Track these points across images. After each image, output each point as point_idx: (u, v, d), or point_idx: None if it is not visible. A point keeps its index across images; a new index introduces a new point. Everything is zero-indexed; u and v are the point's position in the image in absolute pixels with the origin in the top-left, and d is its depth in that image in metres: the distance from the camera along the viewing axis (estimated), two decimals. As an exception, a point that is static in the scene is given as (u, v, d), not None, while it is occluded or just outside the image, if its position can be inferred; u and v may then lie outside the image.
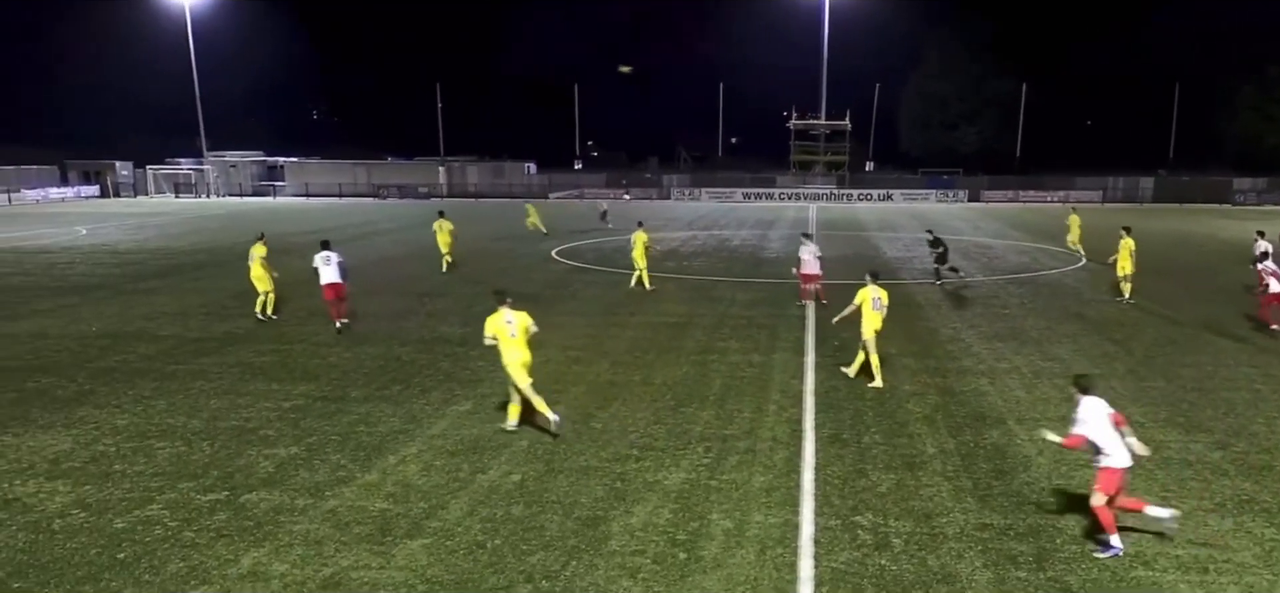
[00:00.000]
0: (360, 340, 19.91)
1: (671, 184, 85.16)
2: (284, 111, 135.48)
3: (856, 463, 12.41)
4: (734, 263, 33.84)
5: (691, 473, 12.06)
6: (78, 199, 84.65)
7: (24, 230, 49.42)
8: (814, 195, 79.57)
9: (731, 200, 78.50)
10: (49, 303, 25.17)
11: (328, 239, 22.43)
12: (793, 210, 66.54)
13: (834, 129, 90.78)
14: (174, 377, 16.94)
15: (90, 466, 12.33)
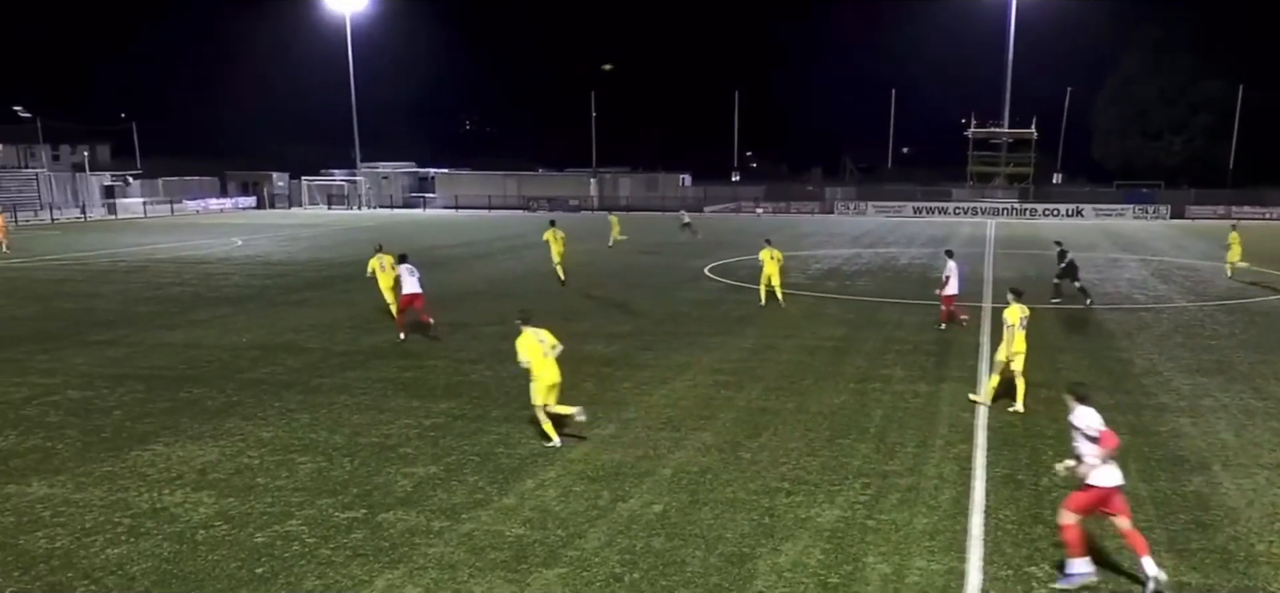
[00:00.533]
0: (503, 358, 20.33)
1: (835, 197, 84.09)
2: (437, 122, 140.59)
3: (1032, 507, 11.89)
4: (901, 283, 33.09)
5: (847, 511, 11.81)
6: (236, 210, 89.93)
7: (184, 241, 52.77)
8: (992, 210, 77.12)
9: (900, 215, 76.89)
10: (204, 313, 26.78)
11: (405, 254, 23.98)
12: (968, 226, 64.65)
13: (1017, 138, 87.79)
14: (318, 391, 17.72)
15: (234, 478, 12.99)
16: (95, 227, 67.73)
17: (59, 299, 30.04)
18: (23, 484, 12.71)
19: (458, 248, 46.77)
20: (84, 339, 22.92)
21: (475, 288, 32.04)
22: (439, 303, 27.53)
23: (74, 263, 40.66)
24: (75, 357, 20.84)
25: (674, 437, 14.70)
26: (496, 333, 23.32)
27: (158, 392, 17.66)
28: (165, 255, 43.68)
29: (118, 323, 25.22)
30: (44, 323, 25.47)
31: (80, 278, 35.74)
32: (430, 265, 38.73)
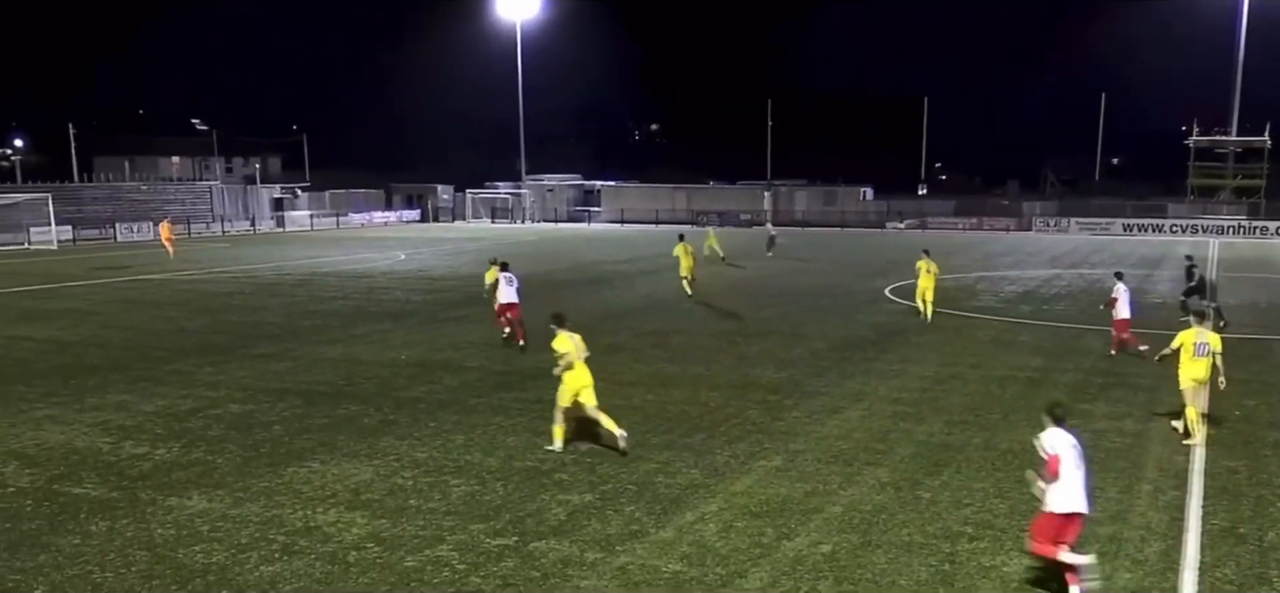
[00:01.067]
0: (665, 382, 20.44)
1: (1033, 212, 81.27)
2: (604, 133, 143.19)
3: (1257, 567, 11.12)
4: (1106, 310, 31.60)
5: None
6: (400, 223, 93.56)
7: (348, 254, 55.21)
8: (1216, 227, 73.01)
9: (1108, 232, 73.70)
10: (364, 328, 27.91)
11: (506, 262, 25.98)
12: (1186, 245, 61.35)
13: (1248, 147, 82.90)
14: (475, 411, 18.17)
15: (388, 498, 13.43)
16: (263, 239, 71.67)
17: (227, 312, 31.84)
18: (184, 497, 13.47)
19: (621, 264, 47.30)
20: (248, 352, 24.20)
21: (637, 306, 32.32)
22: (599, 323, 28.04)
23: (243, 275, 43.03)
24: (239, 370, 22.02)
25: (846, 472, 14.42)
26: (659, 355, 23.45)
27: (316, 408, 18.46)
28: (329, 269, 45.75)
29: (281, 336, 26.53)
30: (211, 335, 27.02)
31: (248, 290, 37.80)
32: (593, 282, 39.35)
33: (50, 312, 32.15)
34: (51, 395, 19.57)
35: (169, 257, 52.40)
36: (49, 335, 27.32)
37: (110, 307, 33.36)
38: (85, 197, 78.88)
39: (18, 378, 21.30)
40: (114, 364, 22.87)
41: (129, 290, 38.44)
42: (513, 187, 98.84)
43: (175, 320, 29.99)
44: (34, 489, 13.82)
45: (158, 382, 20.82)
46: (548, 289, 37.38)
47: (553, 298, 33.56)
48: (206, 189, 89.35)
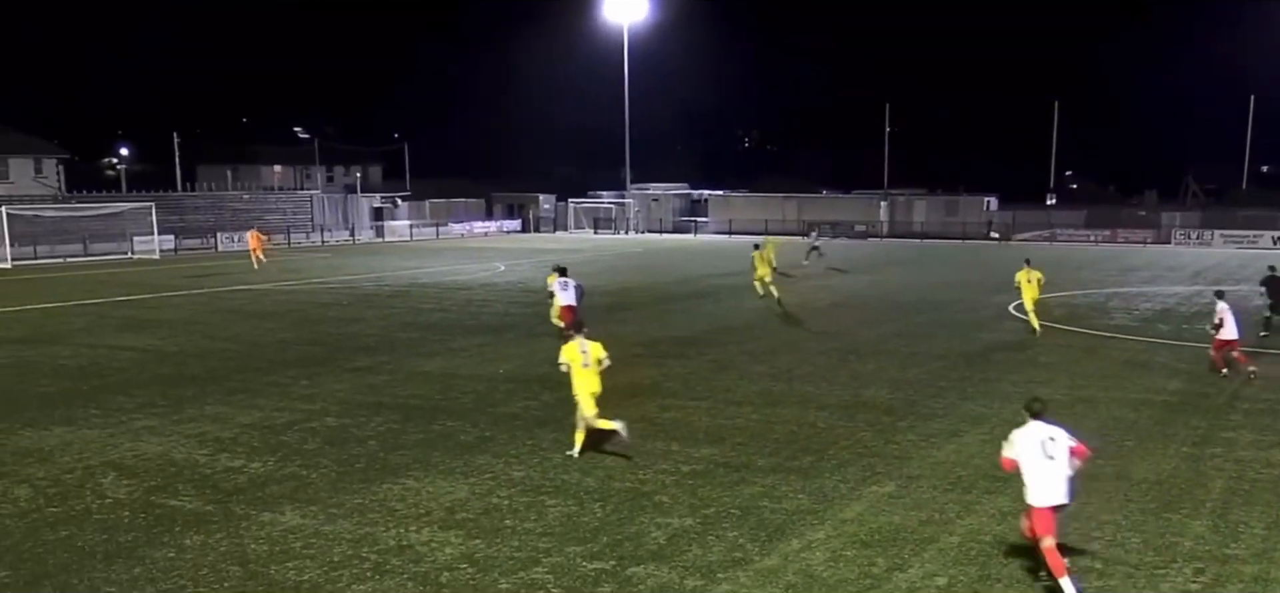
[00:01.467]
0: (772, 400, 20.31)
1: (1173, 224, 78.81)
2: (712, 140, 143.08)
3: None
4: (1255, 328, 30.47)
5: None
6: (500, 233, 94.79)
7: (447, 265, 56.14)
8: (1379, 242, 69.87)
9: (1256, 246, 71.08)
10: (462, 342, 28.32)
11: (565, 267, 28.48)
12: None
13: None
14: (573, 429, 18.24)
15: (483, 518, 13.57)
16: (363, 249, 73.27)
17: (324, 324, 32.61)
18: (277, 512, 13.80)
19: (729, 277, 47.17)
20: (345, 365, 24.75)
21: (745, 321, 32.20)
22: (704, 338, 28.02)
23: (341, 286, 44.06)
24: (335, 383, 22.52)
25: (964, 499, 14.12)
26: (765, 373, 23.32)
27: (412, 422, 18.78)
28: (428, 280, 46.56)
29: (378, 349, 27.07)
30: (308, 347, 27.70)
31: (346, 302, 38.67)
32: (698, 296, 39.32)
33: (151, 321, 33.31)
34: (150, 406, 20.26)
35: (254, 267, 53.99)
36: (149, 345, 28.30)
37: (210, 317, 34.44)
38: (187, 206, 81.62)
39: (118, 388, 22.11)
40: (212, 375, 23.59)
41: (229, 301, 39.65)
42: (616, 196, 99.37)
43: (273, 332, 30.82)
44: (131, 501, 14.30)
45: (254, 394, 21.42)
46: (651, 303, 37.48)
47: (656, 313, 33.67)
48: (307, 198, 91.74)
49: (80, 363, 25.56)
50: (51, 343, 28.93)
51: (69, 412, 19.82)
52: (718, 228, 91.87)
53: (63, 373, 24.23)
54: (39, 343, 29.00)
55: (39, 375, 23.93)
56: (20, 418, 19.34)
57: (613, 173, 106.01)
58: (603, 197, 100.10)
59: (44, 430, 18.36)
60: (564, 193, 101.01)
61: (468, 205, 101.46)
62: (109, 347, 28.12)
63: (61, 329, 31.82)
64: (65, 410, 19.94)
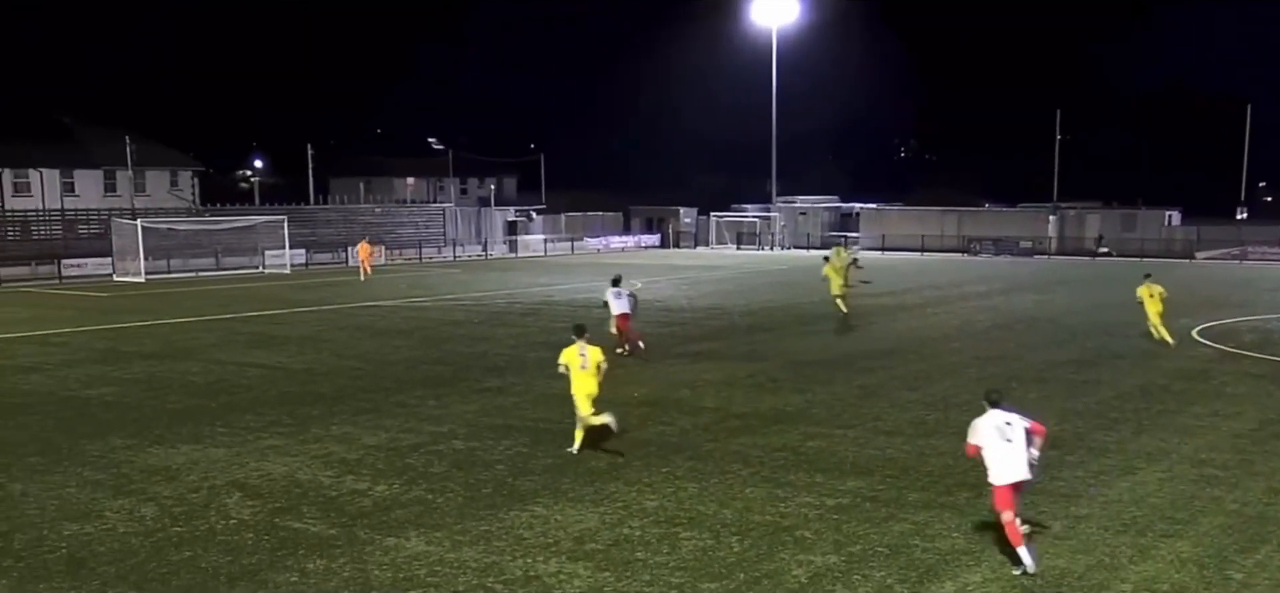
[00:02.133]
0: (926, 431, 19.94)
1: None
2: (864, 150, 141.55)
3: None
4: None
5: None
6: (638, 248, 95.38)
7: (582, 281, 56.72)
8: None
9: None
10: (595, 362, 28.51)
11: (619, 277, 30.67)
12: None
13: None
14: (710, 457, 18.24)
15: (613, 549, 13.62)
16: (495, 265, 74.55)
17: (453, 342, 33.26)
18: (402, 538, 14.09)
19: (880, 297, 46.56)
20: (474, 385, 25.19)
21: (895, 344, 31.72)
22: (852, 363, 27.75)
23: (472, 303, 44.91)
24: (464, 404, 22.93)
25: (1138, 543, 13.62)
26: (917, 400, 22.93)
27: (542, 447, 18.99)
28: (561, 297, 47.13)
29: (508, 369, 27.48)
30: (437, 367, 28.28)
31: (477, 319, 39.39)
32: (830, 318, 38.86)
33: (280, 338, 34.46)
34: (277, 425, 20.93)
35: (362, 279, 55.66)
36: (277, 363, 29.27)
37: (339, 334, 35.45)
38: (319, 219, 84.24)
39: (246, 406, 22.90)
40: (339, 394, 24.27)
41: (357, 318, 40.76)
42: (762, 209, 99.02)
43: (401, 350, 31.56)
44: (255, 522, 14.78)
45: (382, 414, 21.94)
46: (794, 323, 37.23)
47: (799, 334, 33.41)
48: (439, 211, 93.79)
49: (209, 379, 26.58)
50: (182, 359, 30.16)
51: (197, 429, 20.60)
52: (870, 244, 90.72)
53: (192, 389, 25.22)
54: (170, 358, 30.25)
55: (169, 392, 24.95)
56: (149, 435, 20.18)
57: (758, 185, 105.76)
58: (747, 210, 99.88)
59: (171, 448, 19.12)
60: (706, 206, 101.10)
61: (604, 219, 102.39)
62: (238, 363, 29.17)
63: (192, 344, 33.15)
64: (193, 428, 20.73)
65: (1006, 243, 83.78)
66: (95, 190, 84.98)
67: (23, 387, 25.97)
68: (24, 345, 33.38)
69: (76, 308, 45.73)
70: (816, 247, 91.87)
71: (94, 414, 22.37)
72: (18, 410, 22.87)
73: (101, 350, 31.93)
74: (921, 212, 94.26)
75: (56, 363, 29.61)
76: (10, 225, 73.48)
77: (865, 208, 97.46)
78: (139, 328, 37.95)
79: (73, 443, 19.60)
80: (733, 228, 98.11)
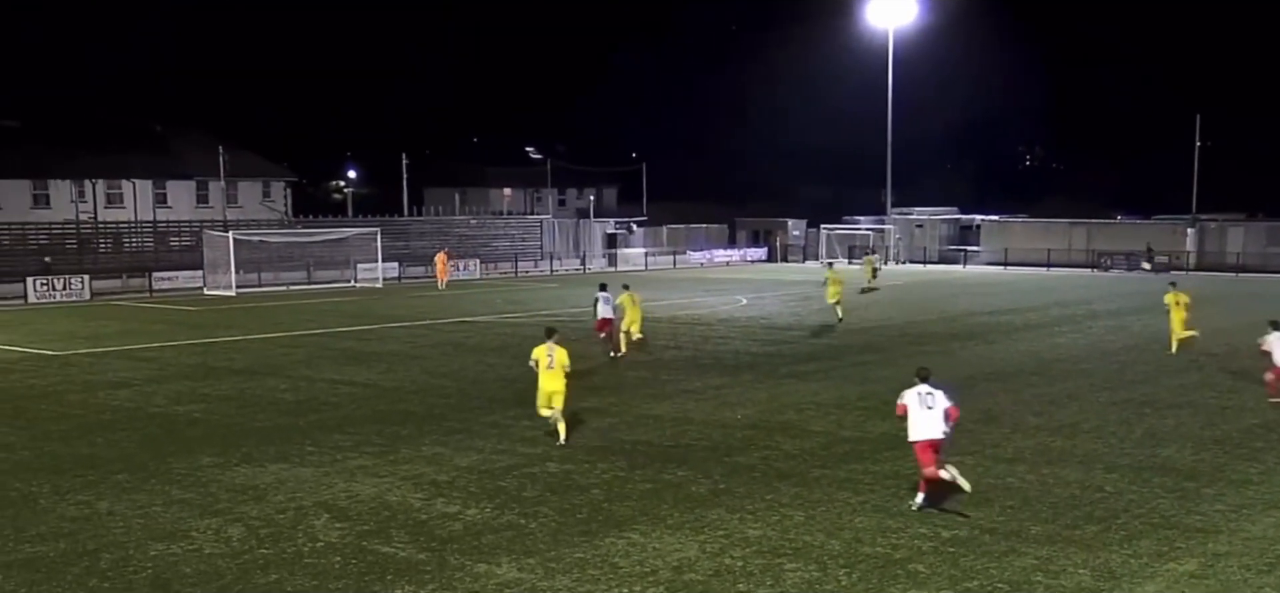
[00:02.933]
0: (1051, 458, 19.57)
1: None
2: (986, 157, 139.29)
3: None
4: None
5: None
6: (743, 262, 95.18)
7: (683, 297, 56.79)
8: None
9: None
10: (697, 382, 28.53)
11: (604, 283, 36.15)
12: None
13: None
14: (817, 483, 18.10)
15: (713, 580, 13.58)
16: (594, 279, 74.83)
17: (549, 359, 33.49)
18: (493, 564, 14.22)
19: (1002, 315, 45.88)
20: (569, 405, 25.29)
21: (1019, 366, 31.23)
22: (973, 386, 27.43)
23: (569, 319, 45.06)
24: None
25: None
26: (1043, 426, 22.53)
27: (639, 471, 19.02)
28: (661, 313, 47.21)
29: (605, 389, 27.58)
30: (532, 386, 28.19)
31: (573, 337, 39.39)
32: (964, 337, 38.44)
33: (371, 354, 35.04)
34: (366, 444, 21.28)
35: (439, 290, 57.35)
36: (368, 380, 29.76)
37: (431, 351, 35.94)
38: (413, 231, 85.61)
39: (334, 425, 23.32)
40: (430, 413, 24.60)
41: (451, 333, 41.29)
42: (875, 221, 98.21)
43: (495, 368, 31.90)
44: (343, 545, 15.02)
45: (474, 434, 22.19)
46: (909, 343, 36.87)
47: (914, 355, 32.99)
48: (537, 223, 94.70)
49: (298, 397, 27.13)
50: (271, 375, 30.83)
51: (285, 448, 21.02)
52: (991, 258, 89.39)
53: (280, 407, 25.76)
54: (259, 374, 30.94)
55: (257, 409, 25.52)
56: (237, 453, 20.64)
57: (871, 195, 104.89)
58: (859, 222, 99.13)
59: (259, 467, 19.53)
60: (815, 218, 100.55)
61: (708, 231, 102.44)
62: (327, 380, 29.73)
63: (281, 360, 33.87)
64: (281, 446, 21.17)
65: (1137, 256, 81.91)
66: (187, 201, 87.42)
67: (111, 402, 26.75)
68: (113, 360, 34.40)
69: (166, 322, 47.03)
70: (934, 261, 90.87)
71: (181, 432, 22.96)
72: (106, 427, 23.56)
73: (190, 366, 32.79)
74: (1047, 224, 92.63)
75: (145, 378, 30.48)
76: (103, 237, 75.95)
77: (986, 220, 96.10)
78: (228, 343, 38.91)
79: (160, 461, 20.13)
80: (844, 241, 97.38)
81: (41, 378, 30.98)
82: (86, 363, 33.96)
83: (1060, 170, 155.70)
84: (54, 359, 35.07)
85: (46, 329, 44.15)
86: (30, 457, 20.75)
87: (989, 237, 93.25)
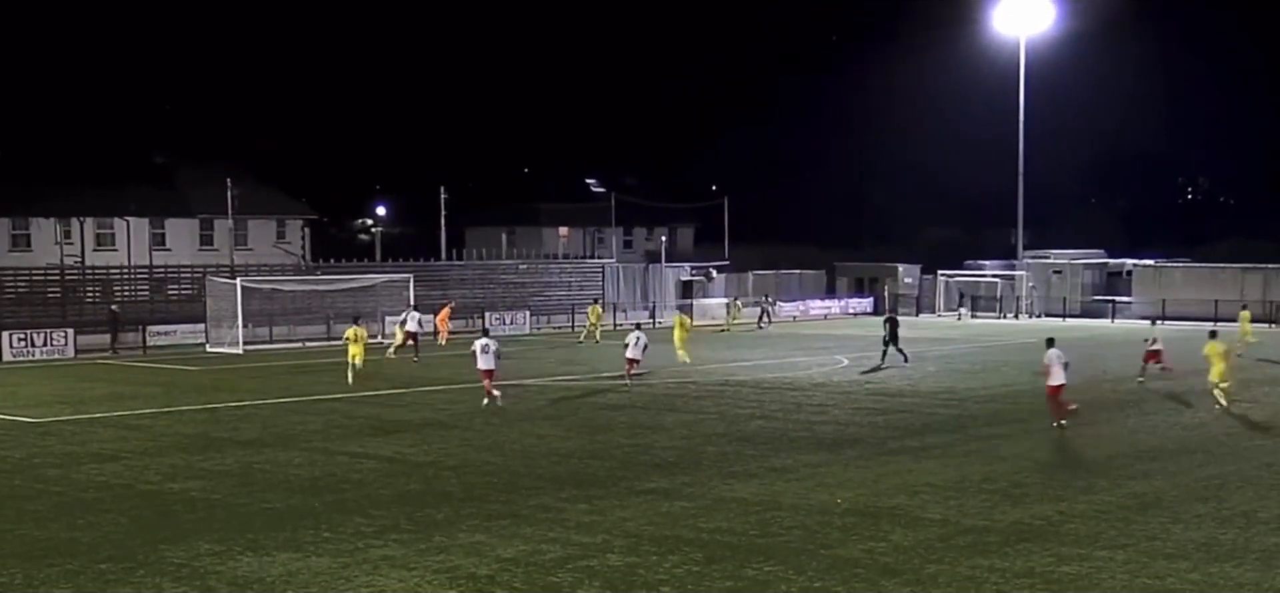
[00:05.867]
0: (1222, 554, 19.17)
1: None
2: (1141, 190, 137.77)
3: None
4: None
5: None
6: (844, 314, 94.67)
7: (772, 355, 56.57)
8: None
9: None
10: (787, 458, 28.33)
11: (488, 329, 43.21)
12: None
13: None
14: (933, 582, 17.85)
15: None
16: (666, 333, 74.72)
17: (611, 430, 33.46)
18: (539, 675, 14.09)
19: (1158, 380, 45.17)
20: (634, 486, 25.22)
21: (1183, 443, 30.78)
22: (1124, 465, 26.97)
23: (637, 383, 45.07)
24: (621, 509, 22.95)
25: None
26: (1210, 514, 22.14)
27: (718, 565, 18.84)
28: (745, 375, 47.04)
29: (678, 466, 27.46)
30: (589, 461, 28.46)
31: (640, 402, 39.58)
32: (1112, 406, 37.92)
33: (399, 423, 35.20)
34: (393, 530, 21.30)
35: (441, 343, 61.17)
36: (396, 453, 29.89)
37: (471, 419, 36.02)
38: (452, 277, 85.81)
39: (356, 507, 23.38)
40: (469, 494, 24.60)
41: (496, 399, 41.41)
42: (1003, 266, 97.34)
43: (546, 440, 31.87)
44: (363, 651, 14.99)
45: (520, 520, 22.12)
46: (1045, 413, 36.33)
47: (1046, 428, 32.52)
48: (598, 268, 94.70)
49: (314, 473, 27.28)
50: (283, 447, 31.05)
51: (296, 535, 21.08)
52: (1145, 310, 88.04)
53: (293, 485, 25.90)
54: (268, 446, 31.18)
55: (266, 487, 25.67)
56: (241, 540, 20.72)
57: (998, 236, 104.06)
58: (984, 268, 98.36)
59: (267, 557, 19.59)
60: (930, 263, 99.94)
61: (802, 278, 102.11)
62: (348, 454, 29.88)
63: (295, 430, 34.12)
64: (292, 533, 21.23)
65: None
66: (189, 243, 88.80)
67: (97, 478, 27.05)
68: (100, 429, 34.83)
69: (162, 384, 47.62)
70: (1075, 314, 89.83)
71: (177, 513, 23.13)
72: (90, 507, 23.80)
73: (189, 436, 33.12)
74: (1214, 269, 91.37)
75: (137, 450, 30.81)
76: (92, 285, 76.82)
77: (1139, 265, 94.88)
78: (234, 409, 39.30)
79: (151, 548, 20.26)
80: (967, 290, 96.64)
81: (16, 449, 31.41)
82: (68, 432, 34.40)
83: (1230, 205, 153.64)
84: (31, 427, 35.61)
85: (23, 392, 44.88)
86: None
87: (1142, 284, 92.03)
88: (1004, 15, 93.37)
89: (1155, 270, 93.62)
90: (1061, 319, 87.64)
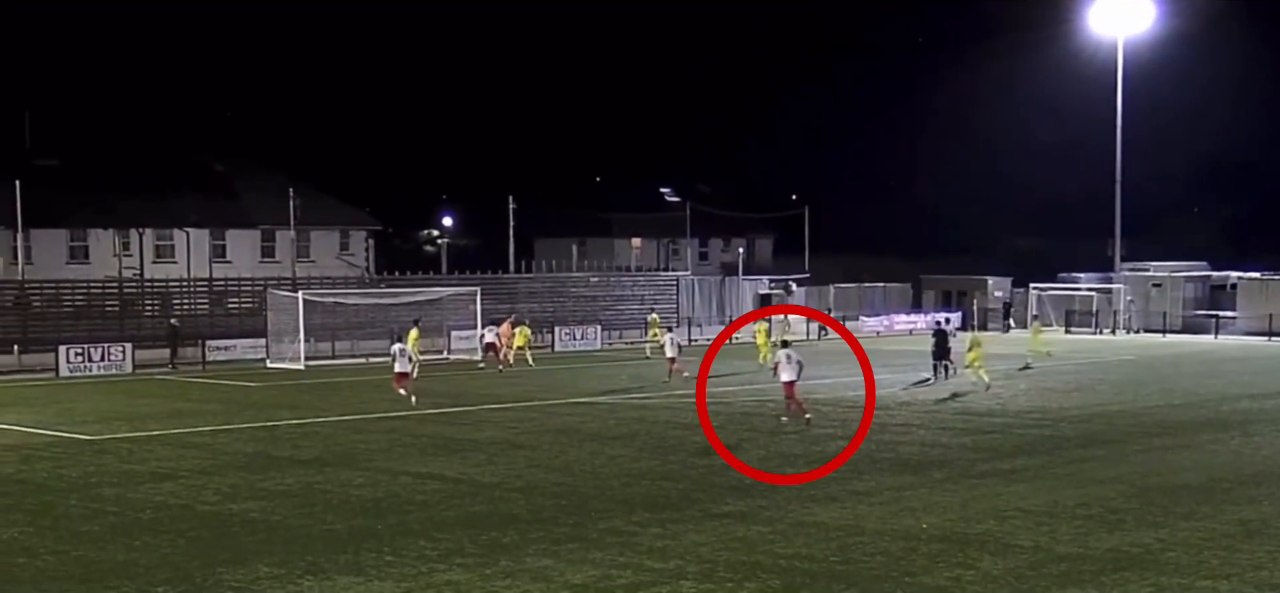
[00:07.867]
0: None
1: None
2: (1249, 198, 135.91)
3: None
4: None
5: None
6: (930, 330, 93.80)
7: (854, 372, 56.14)
8: None
9: None
10: (870, 481, 28.20)
11: (401, 334, 47.03)
12: None
13: None
14: None
15: None
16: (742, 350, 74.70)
17: (685, 451, 33.38)
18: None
19: (1268, 399, 44.57)
20: (710, 509, 25.14)
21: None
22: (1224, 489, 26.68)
23: (710, 399, 45.03)
24: (695, 533, 22.88)
25: None
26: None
27: (797, 592, 18.74)
28: (825, 393, 46.80)
29: (755, 490, 27.34)
30: (662, 483, 28.42)
31: (715, 421, 39.46)
32: (1216, 426, 37.40)
33: (465, 442, 35.34)
34: (457, 554, 21.36)
35: (500, 369, 59.67)
36: (462, 474, 30.01)
37: (540, 438, 36.12)
38: (520, 290, 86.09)
39: (419, 529, 23.48)
40: (536, 516, 24.62)
41: (566, 416, 41.47)
42: (1100, 279, 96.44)
43: (618, 461, 31.87)
44: (425, 680, 15.03)
45: (589, 544, 22.11)
46: (1144, 434, 35.98)
47: (1151, 449, 32.17)
48: (673, 281, 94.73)
49: (376, 494, 27.43)
50: (344, 466, 31.26)
51: (358, 558, 21.19)
52: (1252, 325, 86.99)
53: (354, 506, 26.05)
54: (330, 466, 31.40)
55: (326, 509, 25.83)
56: (301, 563, 20.86)
57: (1089, 247, 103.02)
58: (1079, 280, 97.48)
59: (327, 580, 19.71)
60: (1023, 276, 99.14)
61: (887, 291, 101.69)
62: (412, 473, 30.05)
63: (357, 449, 34.33)
64: (354, 556, 21.34)
65: None
66: (250, 255, 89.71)
67: (154, 498, 27.35)
68: (158, 447, 35.26)
69: (221, 400, 48.17)
70: (1176, 330, 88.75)
71: (236, 535, 23.33)
72: (146, 528, 24.05)
73: (248, 455, 33.45)
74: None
75: (194, 469, 31.15)
76: (150, 298, 77.56)
77: (1245, 277, 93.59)
78: (294, 427, 39.63)
79: (209, 570, 20.42)
80: (1060, 304, 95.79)
81: (72, 467, 31.85)
82: (125, 450, 34.87)
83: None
84: (88, 445, 36.10)
85: (80, 408, 45.55)
86: (54, 564, 21.25)
87: (1248, 299, 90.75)
88: (1101, 15, 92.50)
89: (1263, 284, 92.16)
90: (1161, 335, 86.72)
